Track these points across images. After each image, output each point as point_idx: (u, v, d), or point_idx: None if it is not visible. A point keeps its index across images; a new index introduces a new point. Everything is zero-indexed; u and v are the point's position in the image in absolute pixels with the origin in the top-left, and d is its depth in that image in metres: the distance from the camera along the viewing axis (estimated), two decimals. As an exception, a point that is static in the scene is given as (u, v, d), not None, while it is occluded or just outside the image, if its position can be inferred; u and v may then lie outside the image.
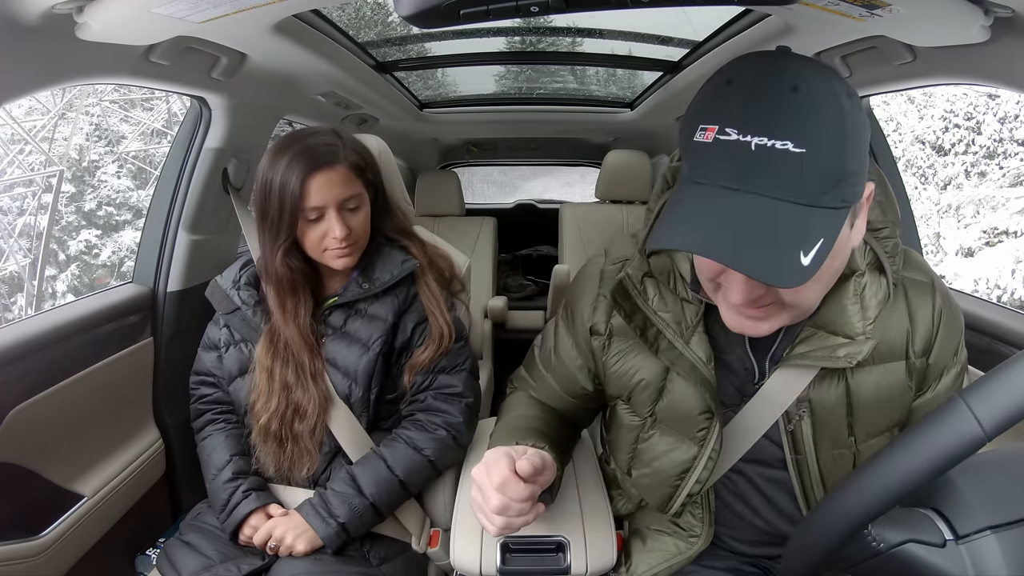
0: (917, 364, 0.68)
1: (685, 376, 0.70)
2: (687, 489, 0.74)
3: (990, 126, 9.05)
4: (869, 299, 0.63)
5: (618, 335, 0.76)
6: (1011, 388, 0.41)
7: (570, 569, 0.80)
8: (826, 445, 0.70)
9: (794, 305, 0.57)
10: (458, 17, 0.61)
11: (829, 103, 0.48)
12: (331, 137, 0.94)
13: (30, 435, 0.97)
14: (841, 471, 0.71)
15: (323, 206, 0.90)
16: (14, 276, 6.51)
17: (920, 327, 0.67)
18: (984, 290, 7.29)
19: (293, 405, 0.95)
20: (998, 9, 0.77)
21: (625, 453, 0.81)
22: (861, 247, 0.63)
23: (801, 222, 0.48)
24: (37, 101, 6.30)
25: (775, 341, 0.69)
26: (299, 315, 0.96)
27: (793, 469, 0.72)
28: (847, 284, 0.63)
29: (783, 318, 0.58)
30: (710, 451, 0.71)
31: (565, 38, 2.09)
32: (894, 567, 0.47)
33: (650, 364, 0.74)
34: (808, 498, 0.73)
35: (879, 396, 0.67)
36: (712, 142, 0.49)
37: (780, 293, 0.55)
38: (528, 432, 0.78)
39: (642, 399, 0.75)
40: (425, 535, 1.03)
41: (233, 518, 0.94)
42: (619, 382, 0.77)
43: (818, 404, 0.68)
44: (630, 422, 0.79)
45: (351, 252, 0.94)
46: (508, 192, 6.57)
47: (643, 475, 0.78)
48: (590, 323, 0.78)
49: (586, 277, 0.80)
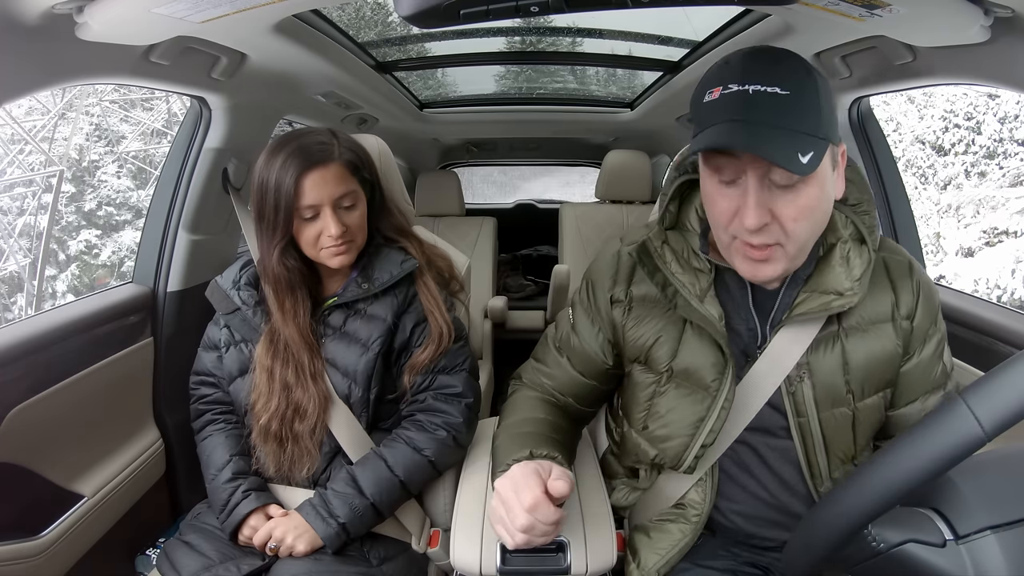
0: (903, 326, 0.77)
1: (699, 332, 0.77)
2: (701, 439, 0.76)
3: (990, 126, 9.05)
4: (853, 261, 0.73)
5: (638, 303, 0.82)
6: (1011, 388, 0.42)
7: (570, 569, 0.80)
8: (826, 405, 0.76)
9: (791, 240, 0.66)
10: (458, 17, 0.61)
11: (806, 68, 0.64)
12: (326, 136, 0.94)
13: (30, 435, 0.97)
14: (842, 432, 0.76)
15: (318, 204, 0.91)
16: (14, 276, 6.51)
17: (903, 296, 0.77)
18: (984, 290, 7.29)
19: (293, 405, 0.95)
20: (998, 9, 0.77)
21: (640, 411, 0.83)
22: (843, 220, 0.75)
23: (796, 138, 0.61)
24: (37, 101, 6.30)
25: (775, 305, 0.77)
26: (298, 315, 0.96)
27: (796, 433, 0.77)
28: (834, 251, 0.74)
29: (783, 262, 0.68)
30: (723, 401, 0.75)
31: (565, 38, 2.09)
32: (894, 567, 0.47)
33: (667, 323, 0.80)
34: (811, 464, 0.77)
35: (871, 356, 0.76)
36: (719, 97, 0.63)
37: (780, 227, 0.66)
38: (540, 440, 0.78)
39: (659, 356, 0.80)
40: (425, 535, 1.03)
41: (233, 518, 0.94)
42: (637, 343, 0.82)
43: (816, 367, 0.75)
44: (646, 379, 0.82)
45: (347, 250, 0.94)
46: (508, 192, 6.57)
47: (659, 427, 0.80)
48: (610, 294, 0.84)
49: (605, 258, 0.87)
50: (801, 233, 0.67)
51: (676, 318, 0.79)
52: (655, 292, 0.81)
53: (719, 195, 0.68)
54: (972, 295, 1.29)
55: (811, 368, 0.75)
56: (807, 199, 0.64)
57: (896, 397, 0.80)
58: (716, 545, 0.84)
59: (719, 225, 0.70)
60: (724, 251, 0.72)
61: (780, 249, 0.67)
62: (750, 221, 0.64)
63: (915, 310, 0.77)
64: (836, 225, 0.74)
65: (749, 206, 0.64)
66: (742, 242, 0.68)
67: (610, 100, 2.56)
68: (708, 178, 0.69)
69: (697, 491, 0.82)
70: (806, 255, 0.71)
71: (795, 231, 0.66)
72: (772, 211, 0.65)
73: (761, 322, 0.77)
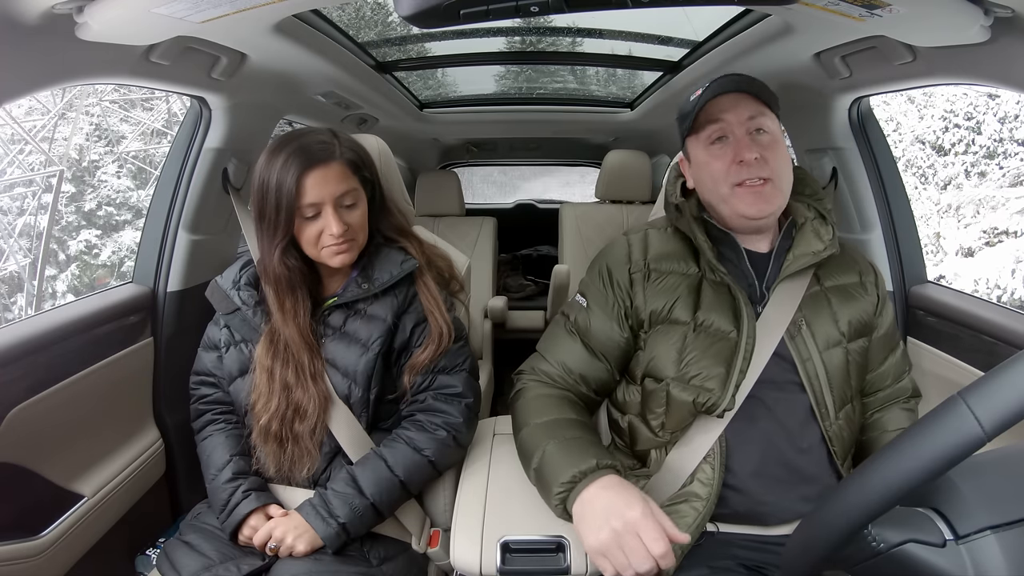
0: (868, 289, 0.96)
1: (715, 286, 0.90)
2: (736, 373, 0.84)
3: (990, 126, 9.05)
4: (821, 230, 0.91)
5: (655, 269, 0.93)
6: (1011, 388, 0.41)
7: (570, 569, 0.80)
8: (825, 345, 0.89)
9: (777, 176, 0.85)
10: (458, 17, 0.61)
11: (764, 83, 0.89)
12: (326, 135, 0.95)
13: (30, 435, 0.97)
14: (840, 372, 0.89)
15: (319, 203, 0.91)
16: (14, 276, 6.51)
17: (861, 265, 0.98)
18: (984, 290, 7.29)
19: (293, 405, 0.95)
20: (998, 9, 0.77)
21: (672, 360, 0.89)
22: (806, 206, 0.93)
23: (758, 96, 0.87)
24: (37, 101, 6.30)
25: (767, 267, 0.91)
26: (298, 315, 0.96)
27: (803, 375, 0.87)
28: (806, 226, 0.91)
29: (776, 197, 0.86)
30: (746, 338, 0.85)
31: (565, 38, 2.09)
32: (894, 567, 0.47)
33: (683, 286, 0.91)
34: (819, 403, 0.86)
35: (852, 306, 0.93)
36: (702, 91, 0.88)
37: (768, 164, 0.84)
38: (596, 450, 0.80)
39: (680, 314, 0.90)
40: (425, 535, 1.03)
41: (233, 518, 0.94)
42: (657, 307, 0.91)
43: (811, 318, 0.90)
44: (672, 335, 0.90)
45: (348, 249, 0.95)
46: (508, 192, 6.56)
47: (695, 371, 0.87)
48: (629, 266, 0.94)
49: (615, 246, 0.98)
50: (783, 172, 0.86)
51: (691, 281, 0.91)
52: (671, 262, 0.93)
53: (713, 157, 0.88)
54: (972, 295, 1.29)
55: (807, 319, 0.89)
56: (779, 148, 0.87)
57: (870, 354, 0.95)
58: (718, 545, 0.85)
59: (719, 180, 0.87)
60: (726, 205, 0.88)
61: (772, 185, 0.85)
62: (748, 154, 0.84)
63: (871, 276, 0.97)
64: (801, 209, 0.93)
65: (744, 145, 0.85)
66: (743, 184, 0.85)
67: (610, 100, 2.56)
68: (702, 149, 0.89)
69: (706, 466, 0.84)
70: (786, 201, 0.89)
71: (778, 168, 0.85)
72: (761, 152, 0.84)
73: (759, 282, 0.91)
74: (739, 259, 0.91)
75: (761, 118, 0.86)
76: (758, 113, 0.86)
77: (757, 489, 0.85)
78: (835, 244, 0.90)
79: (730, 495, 0.85)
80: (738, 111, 0.86)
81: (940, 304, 1.26)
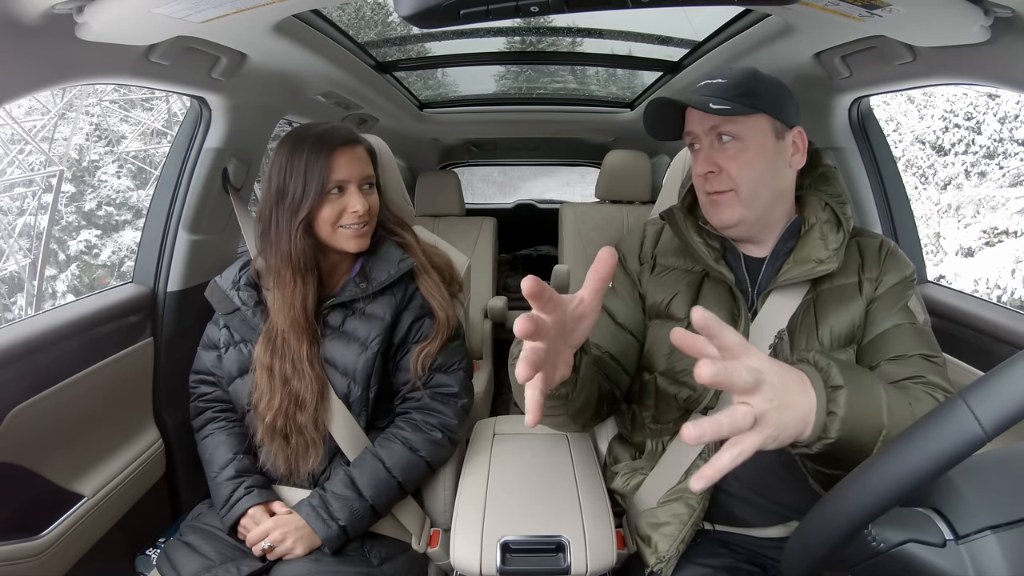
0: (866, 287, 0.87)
1: (715, 283, 0.89)
2: None
3: (990, 126, 9.05)
4: (829, 235, 0.86)
5: (660, 264, 0.94)
6: (1011, 388, 0.41)
7: (570, 569, 0.80)
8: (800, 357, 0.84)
9: (741, 187, 0.82)
10: (458, 17, 0.61)
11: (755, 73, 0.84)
12: (347, 126, 1.00)
13: (30, 435, 0.97)
14: None
15: (347, 180, 0.95)
16: (14, 276, 6.51)
17: (868, 259, 0.89)
18: (984, 290, 7.29)
19: (293, 397, 0.95)
20: (998, 9, 0.77)
21: (663, 355, 0.90)
22: (821, 204, 0.88)
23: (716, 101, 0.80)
24: (37, 101, 6.30)
25: (760, 274, 0.89)
26: (306, 296, 0.96)
27: None
28: (813, 228, 0.87)
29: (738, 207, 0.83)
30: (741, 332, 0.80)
31: (565, 38, 2.09)
32: (894, 567, 0.47)
33: (684, 283, 0.91)
34: None
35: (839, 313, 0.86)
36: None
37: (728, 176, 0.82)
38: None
39: (677, 310, 0.90)
40: (425, 535, 1.03)
41: (234, 512, 0.94)
42: (656, 300, 0.92)
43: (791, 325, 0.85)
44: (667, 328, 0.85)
45: (366, 233, 0.98)
46: (508, 192, 6.58)
47: (682, 364, 0.87)
48: (638, 253, 0.96)
49: (632, 235, 1.00)
50: (748, 182, 0.82)
51: (693, 278, 0.91)
52: (676, 258, 0.94)
53: (694, 162, 0.87)
54: (972, 295, 1.29)
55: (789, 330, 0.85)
56: (748, 155, 0.82)
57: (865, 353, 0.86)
58: (715, 543, 0.85)
59: (699, 188, 0.87)
60: (706, 211, 0.88)
61: (734, 195, 0.83)
62: (702, 167, 0.84)
63: (879, 268, 0.87)
64: (815, 207, 0.88)
65: (701, 157, 0.85)
66: (711, 193, 0.85)
67: (610, 100, 2.56)
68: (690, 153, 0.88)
69: (700, 462, 0.84)
70: (762, 208, 0.85)
71: (741, 179, 0.82)
72: (719, 163, 0.82)
73: (752, 288, 0.89)
74: (737, 263, 0.91)
75: (726, 126, 0.82)
76: (722, 121, 0.82)
77: (747, 492, 0.85)
78: (839, 257, 0.84)
79: (721, 496, 0.85)
80: (702, 121, 0.83)
81: (940, 304, 1.26)
